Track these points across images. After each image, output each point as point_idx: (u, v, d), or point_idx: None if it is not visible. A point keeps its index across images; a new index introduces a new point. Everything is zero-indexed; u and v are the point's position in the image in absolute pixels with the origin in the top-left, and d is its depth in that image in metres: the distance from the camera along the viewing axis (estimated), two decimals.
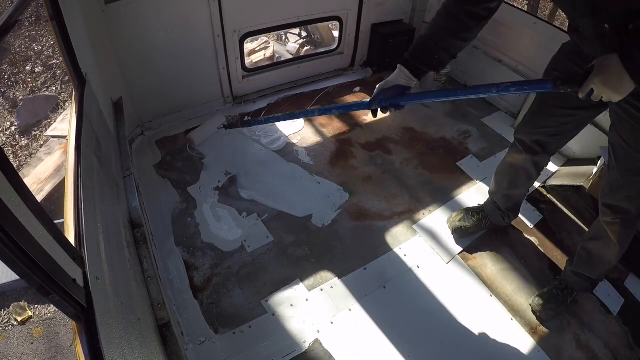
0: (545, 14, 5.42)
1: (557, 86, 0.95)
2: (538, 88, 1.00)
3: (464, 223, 1.75)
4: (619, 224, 1.27)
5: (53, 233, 0.66)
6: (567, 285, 1.52)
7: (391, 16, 2.76)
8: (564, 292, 1.50)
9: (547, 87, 0.97)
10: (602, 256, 1.39)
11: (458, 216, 1.78)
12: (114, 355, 0.69)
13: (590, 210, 1.90)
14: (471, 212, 1.77)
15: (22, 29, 4.33)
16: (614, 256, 1.36)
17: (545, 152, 1.45)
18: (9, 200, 0.54)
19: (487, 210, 1.75)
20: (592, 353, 1.44)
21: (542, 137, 1.41)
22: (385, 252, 1.70)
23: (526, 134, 1.45)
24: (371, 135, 2.31)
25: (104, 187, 1.22)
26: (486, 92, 1.06)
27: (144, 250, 1.34)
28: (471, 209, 1.80)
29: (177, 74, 2.14)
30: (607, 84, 0.87)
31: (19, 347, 1.98)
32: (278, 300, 1.51)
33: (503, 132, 2.40)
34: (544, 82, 0.98)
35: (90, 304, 0.71)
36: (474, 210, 1.78)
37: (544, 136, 1.41)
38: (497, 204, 1.69)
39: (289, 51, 4.07)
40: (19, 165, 3.08)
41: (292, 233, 1.75)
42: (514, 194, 1.65)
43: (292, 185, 1.96)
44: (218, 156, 2.10)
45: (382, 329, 1.45)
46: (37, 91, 3.85)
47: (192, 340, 1.38)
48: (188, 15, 1.99)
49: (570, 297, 1.50)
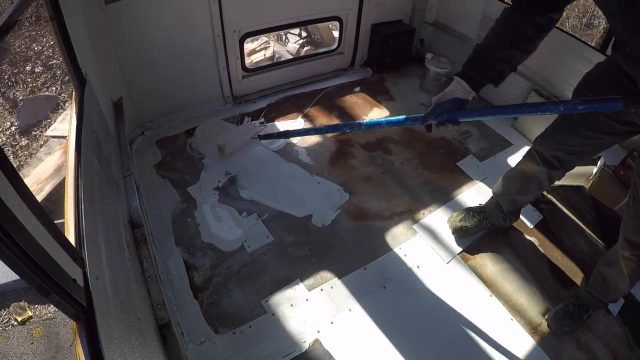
0: None
1: (628, 105, 0.91)
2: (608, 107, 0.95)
3: (465, 223, 1.74)
4: (635, 261, 1.24)
5: (53, 233, 0.66)
6: (583, 302, 1.48)
7: (391, 16, 2.76)
8: (580, 309, 1.47)
9: (618, 106, 0.92)
10: (616, 283, 1.37)
11: (459, 216, 1.78)
12: (114, 355, 0.69)
13: (590, 210, 1.90)
14: (472, 212, 1.77)
15: (22, 29, 4.33)
16: (627, 288, 1.35)
17: (562, 168, 1.43)
18: (9, 200, 0.54)
19: (488, 210, 1.74)
20: (592, 353, 1.44)
21: (562, 155, 1.38)
22: (385, 252, 1.70)
23: (546, 148, 1.41)
24: (371, 135, 2.31)
25: (104, 187, 1.22)
26: (553, 110, 1.02)
27: (144, 251, 1.34)
28: (472, 209, 1.80)
29: (177, 74, 2.14)
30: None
31: (19, 347, 1.98)
32: (278, 300, 1.51)
33: (503, 132, 2.40)
34: (614, 100, 0.93)
35: (90, 304, 0.71)
36: (475, 210, 1.78)
37: (564, 153, 1.38)
38: (500, 205, 1.68)
39: (289, 51, 4.07)
40: (19, 165, 3.08)
41: (292, 233, 1.75)
42: (521, 200, 1.64)
43: (292, 185, 1.96)
44: (218, 156, 2.10)
45: (382, 329, 1.45)
46: (37, 91, 3.85)
47: (192, 340, 1.38)
48: (188, 15, 1.99)
49: (585, 314, 1.47)
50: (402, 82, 2.80)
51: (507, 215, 1.69)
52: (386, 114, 2.49)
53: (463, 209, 1.82)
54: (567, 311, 1.48)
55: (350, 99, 2.61)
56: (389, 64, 2.84)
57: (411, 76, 2.86)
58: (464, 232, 1.75)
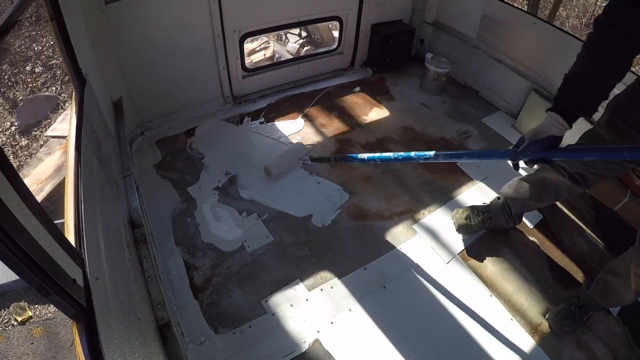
0: (545, 14, 5.42)
1: None
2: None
3: (470, 222, 1.74)
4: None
5: (53, 233, 0.66)
6: (584, 303, 1.48)
7: (391, 16, 2.76)
8: (581, 309, 1.47)
9: None
10: (618, 292, 1.36)
11: (464, 213, 1.77)
12: (114, 356, 0.69)
13: (590, 210, 1.90)
14: (477, 211, 1.76)
15: (22, 29, 4.33)
16: (630, 300, 1.35)
17: (585, 186, 1.41)
18: (9, 200, 0.54)
19: (492, 211, 1.73)
20: (592, 353, 1.44)
21: (586, 174, 1.37)
22: (385, 252, 1.70)
23: (570, 165, 1.39)
24: (371, 135, 2.31)
25: (104, 187, 1.22)
26: None
27: (144, 251, 1.34)
28: (477, 207, 1.79)
29: (177, 74, 2.14)
30: None
31: (19, 347, 1.98)
32: (278, 300, 1.51)
33: (503, 132, 2.40)
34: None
35: (90, 304, 0.71)
36: (480, 209, 1.77)
37: (588, 173, 1.36)
38: (508, 207, 1.67)
39: (289, 51, 4.08)
40: (19, 165, 3.08)
41: (292, 233, 1.75)
42: (532, 205, 1.63)
43: (292, 185, 1.96)
44: (218, 156, 2.10)
45: (382, 329, 1.45)
46: (37, 91, 3.85)
47: (192, 340, 1.38)
48: (188, 15, 1.99)
49: (586, 315, 1.47)
50: (402, 82, 2.80)
51: (513, 217, 1.69)
52: (386, 114, 2.49)
53: (468, 206, 1.82)
54: (568, 311, 1.48)
55: (350, 99, 2.61)
56: (389, 64, 2.84)
57: (411, 76, 2.86)
58: (468, 230, 1.75)
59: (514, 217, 1.69)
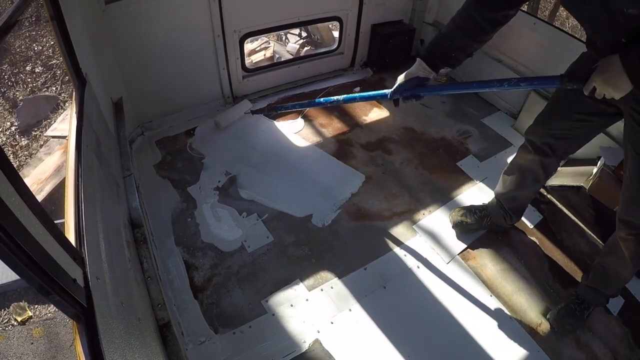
0: (546, 14, 5.42)
1: (564, 82, 1.03)
2: (547, 83, 1.09)
3: (466, 219, 1.75)
4: (633, 241, 1.25)
5: (53, 233, 0.66)
6: (584, 300, 1.49)
7: (391, 16, 2.76)
8: (581, 306, 1.48)
9: (555, 83, 1.04)
10: (617, 272, 1.37)
11: (460, 211, 1.79)
12: (114, 356, 0.69)
13: (590, 210, 1.90)
14: (473, 210, 1.77)
15: (22, 29, 4.34)
16: (629, 273, 1.35)
17: (555, 156, 1.46)
18: (9, 200, 0.54)
19: (490, 209, 1.75)
20: (592, 353, 1.44)
21: (552, 140, 1.42)
22: (385, 252, 1.70)
23: (537, 135, 1.46)
24: (371, 135, 2.31)
25: (104, 187, 1.22)
26: (499, 87, 1.16)
27: (144, 250, 1.34)
28: (474, 206, 1.81)
29: (177, 74, 2.14)
30: (607, 82, 0.94)
31: (19, 347, 1.98)
32: (278, 300, 1.51)
33: (503, 132, 2.40)
34: (552, 78, 1.05)
35: (90, 304, 0.71)
36: (477, 208, 1.79)
37: (554, 139, 1.41)
38: (501, 203, 1.69)
39: (289, 51, 4.08)
40: (19, 165, 3.08)
41: (292, 233, 1.75)
42: (520, 195, 1.64)
43: (292, 185, 1.96)
44: (218, 156, 2.10)
45: (382, 329, 1.45)
46: (37, 91, 3.85)
47: (192, 340, 1.38)
48: (188, 15, 1.99)
49: (586, 312, 1.48)
50: None
51: (509, 213, 1.69)
52: (386, 114, 2.49)
53: (465, 206, 1.83)
54: (569, 310, 1.48)
55: None
56: (389, 64, 2.83)
57: None
58: (464, 227, 1.76)
59: (510, 213, 1.69)
